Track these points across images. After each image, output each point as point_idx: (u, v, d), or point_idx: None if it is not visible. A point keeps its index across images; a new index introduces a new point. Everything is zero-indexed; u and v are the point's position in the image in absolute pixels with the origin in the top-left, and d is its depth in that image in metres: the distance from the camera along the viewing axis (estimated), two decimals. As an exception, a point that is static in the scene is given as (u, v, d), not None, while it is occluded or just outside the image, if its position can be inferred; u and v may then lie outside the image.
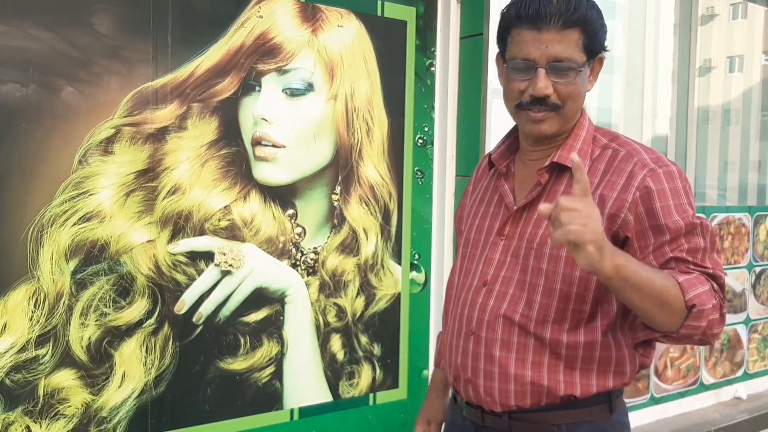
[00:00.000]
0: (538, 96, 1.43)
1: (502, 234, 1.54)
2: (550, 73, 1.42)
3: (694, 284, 1.33)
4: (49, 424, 1.96)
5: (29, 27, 1.88)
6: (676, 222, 1.39)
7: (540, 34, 1.40)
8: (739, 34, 4.78)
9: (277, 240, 2.32)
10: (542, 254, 1.46)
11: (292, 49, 2.29)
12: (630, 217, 1.40)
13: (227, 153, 2.20)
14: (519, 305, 1.47)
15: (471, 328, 1.52)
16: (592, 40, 1.44)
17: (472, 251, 1.60)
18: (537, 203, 1.48)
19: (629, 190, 1.41)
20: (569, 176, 1.47)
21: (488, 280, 1.53)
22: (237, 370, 2.26)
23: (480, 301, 1.52)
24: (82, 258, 1.98)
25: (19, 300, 1.90)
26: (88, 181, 1.98)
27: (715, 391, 3.95)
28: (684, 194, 1.43)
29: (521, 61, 1.43)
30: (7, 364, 1.89)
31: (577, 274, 1.43)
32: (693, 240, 1.40)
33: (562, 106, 1.45)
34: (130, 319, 2.06)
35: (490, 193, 1.63)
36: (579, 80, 1.44)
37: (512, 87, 1.47)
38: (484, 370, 1.50)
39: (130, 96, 2.03)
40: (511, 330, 1.47)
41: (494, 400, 1.50)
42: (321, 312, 2.42)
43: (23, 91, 1.89)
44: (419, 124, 2.65)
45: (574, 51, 1.41)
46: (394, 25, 2.55)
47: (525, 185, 1.55)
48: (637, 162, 1.44)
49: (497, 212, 1.58)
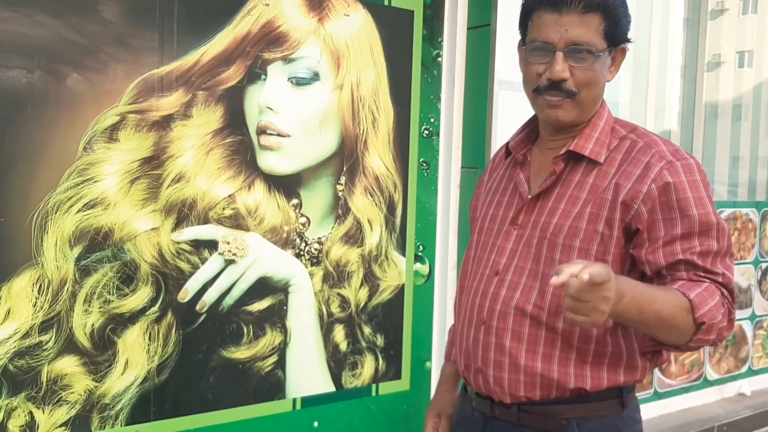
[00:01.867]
0: (555, 79, 1.41)
1: (515, 223, 1.52)
2: (568, 56, 1.39)
3: (704, 299, 1.31)
4: (51, 410, 1.96)
5: (35, 13, 1.88)
6: (691, 217, 1.37)
7: (560, 17, 1.38)
8: (750, 29, 4.75)
9: (282, 229, 2.32)
10: (555, 244, 1.44)
11: (298, 37, 2.28)
12: (643, 209, 1.39)
13: (232, 141, 2.20)
14: (531, 295, 1.46)
15: (482, 318, 1.51)
16: (614, 27, 1.42)
17: (485, 240, 1.59)
18: (552, 192, 1.48)
19: (644, 182, 1.39)
20: (585, 165, 1.46)
21: (500, 269, 1.51)
22: (240, 359, 2.26)
23: (492, 291, 1.51)
24: (86, 245, 1.98)
25: (23, 286, 1.91)
26: (92, 168, 1.97)
27: (719, 386, 3.94)
28: (702, 187, 1.41)
29: (540, 43, 1.42)
30: (11, 349, 1.90)
31: None
32: (706, 242, 1.38)
33: (577, 93, 1.42)
34: (133, 306, 2.06)
35: (505, 182, 1.62)
36: (598, 66, 1.42)
37: (530, 70, 1.46)
38: (494, 360, 1.49)
39: (135, 83, 2.03)
40: (522, 321, 1.46)
41: (504, 390, 1.49)
42: (324, 302, 2.42)
43: (29, 77, 1.88)
44: (425, 115, 2.64)
45: (594, 36, 1.39)
46: (401, 15, 2.53)
47: (541, 174, 1.53)
48: (655, 153, 1.42)
49: (512, 201, 1.56)
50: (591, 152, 1.45)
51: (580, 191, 1.45)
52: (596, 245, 1.41)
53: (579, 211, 1.43)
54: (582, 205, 1.44)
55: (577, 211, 1.44)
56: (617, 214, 1.40)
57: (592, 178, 1.45)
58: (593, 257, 1.40)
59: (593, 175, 1.45)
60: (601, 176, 1.44)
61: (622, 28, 1.45)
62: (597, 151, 1.46)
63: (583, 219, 1.42)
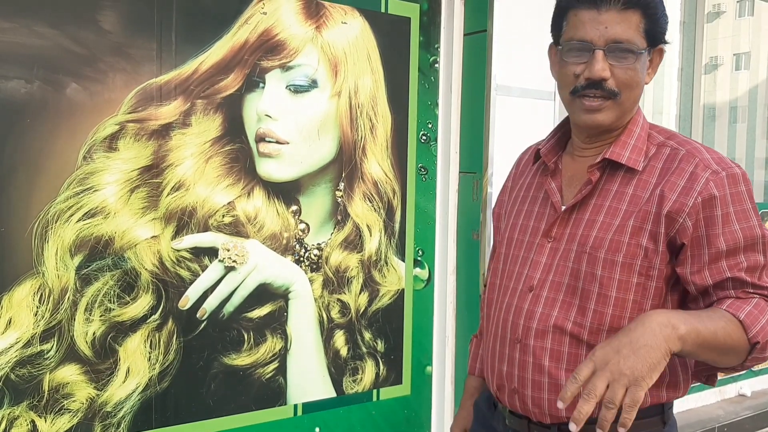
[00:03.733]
0: (595, 79, 1.33)
1: (549, 236, 1.44)
2: (608, 55, 1.32)
3: (756, 317, 1.27)
4: (54, 419, 1.97)
5: (34, 24, 1.89)
6: (735, 232, 1.31)
7: (599, 14, 1.32)
8: (746, 32, 4.77)
9: (281, 236, 2.33)
10: (596, 258, 1.36)
11: (295, 45, 2.29)
12: (689, 223, 1.31)
13: (231, 149, 2.21)
14: (571, 313, 1.38)
15: (517, 336, 1.43)
16: (654, 25, 1.35)
17: (515, 253, 1.50)
18: (588, 203, 1.41)
19: (690, 194, 1.31)
20: (623, 174, 1.39)
21: (534, 284, 1.43)
22: (241, 365, 2.27)
23: (526, 308, 1.42)
24: (86, 254, 1.99)
25: (24, 295, 1.91)
26: (92, 178, 1.99)
27: (720, 388, 3.94)
28: (747, 199, 1.34)
29: (578, 42, 1.34)
30: (13, 358, 1.90)
31: (634, 281, 1.35)
32: (752, 257, 1.32)
33: (619, 94, 1.35)
34: (134, 314, 2.07)
35: (534, 191, 1.53)
36: (639, 66, 1.35)
37: (567, 71, 1.37)
38: (533, 381, 1.41)
39: (134, 92, 2.04)
40: (561, 339, 1.38)
41: (543, 411, 1.41)
42: (324, 308, 2.43)
43: (28, 87, 1.90)
44: (423, 121, 2.65)
45: (635, 34, 1.33)
46: (398, 22, 2.55)
47: (574, 183, 1.45)
48: (699, 163, 1.34)
49: (543, 212, 1.48)
50: (628, 160, 1.38)
51: (620, 202, 1.38)
52: (640, 260, 1.34)
53: (620, 223, 1.36)
54: (623, 218, 1.36)
55: (618, 223, 1.36)
56: (662, 228, 1.33)
57: (632, 189, 1.38)
58: (637, 272, 1.34)
59: (632, 185, 1.38)
60: (641, 186, 1.37)
61: (661, 26, 1.37)
62: (635, 159, 1.38)
63: (626, 232, 1.35)
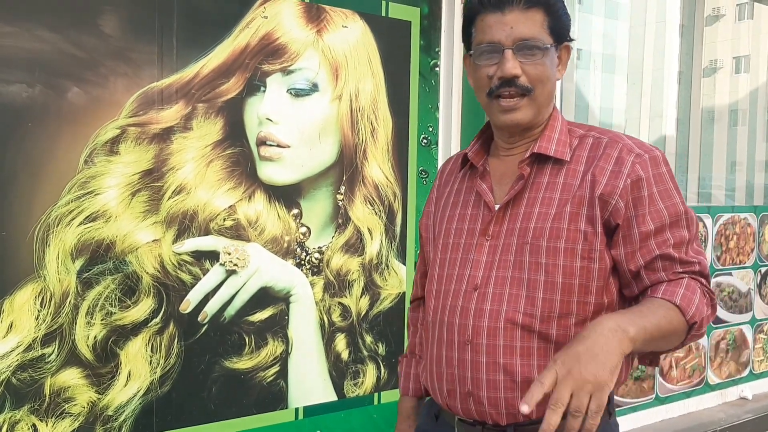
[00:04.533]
0: (507, 77, 1.39)
1: (486, 234, 1.47)
2: (517, 54, 1.39)
3: (690, 299, 1.33)
4: (55, 423, 1.97)
5: (35, 28, 1.89)
6: (660, 211, 1.39)
7: (503, 16, 1.39)
8: (746, 35, 4.78)
9: (282, 239, 2.33)
10: (539, 247, 1.40)
11: (296, 49, 2.30)
12: (621, 204, 1.38)
13: (232, 153, 2.21)
14: (519, 304, 1.41)
15: (466, 337, 1.44)
16: (557, 23, 1.42)
17: (453, 256, 1.52)
18: (521, 197, 1.45)
19: (620, 177, 1.38)
20: (551, 166, 1.45)
21: (479, 283, 1.45)
22: (242, 369, 2.27)
23: (474, 307, 1.44)
24: (87, 257, 1.99)
25: (25, 299, 1.91)
26: (93, 181, 1.99)
27: (721, 391, 3.94)
28: (669, 179, 1.42)
29: (487, 44, 1.41)
30: (14, 362, 1.90)
31: (578, 265, 1.39)
32: (678, 233, 1.39)
33: (532, 89, 1.41)
34: (135, 318, 2.07)
35: (464, 195, 1.57)
36: (547, 61, 1.41)
37: (481, 74, 1.44)
38: (488, 380, 1.42)
39: (135, 96, 2.04)
40: (513, 333, 1.40)
41: (499, 411, 1.42)
42: (326, 311, 2.43)
43: (29, 91, 1.90)
44: (424, 124, 2.65)
45: (540, 31, 1.40)
46: (399, 26, 2.55)
47: (504, 181, 1.50)
48: (623, 148, 1.42)
49: (476, 213, 1.51)
50: (556, 152, 1.44)
51: (553, 192, 1.43)
52: (581, 244, 1.39)
53: (557, 211, 1.41)
54: (558, 206, 1.42)
55: (554, 212, 1.41)
56: (597, 211, 1.39)
57: (562, 178, 1.44)
58: (579, 256, 1.39)
59: (562, 175, 1.44)
60: (571, 175, 1.43)
61: (564, 24, 1.44)
62: (561, 150, 1.45)
63: (564, 219, 1.40)
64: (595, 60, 3.92)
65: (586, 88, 3.89)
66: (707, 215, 3.85)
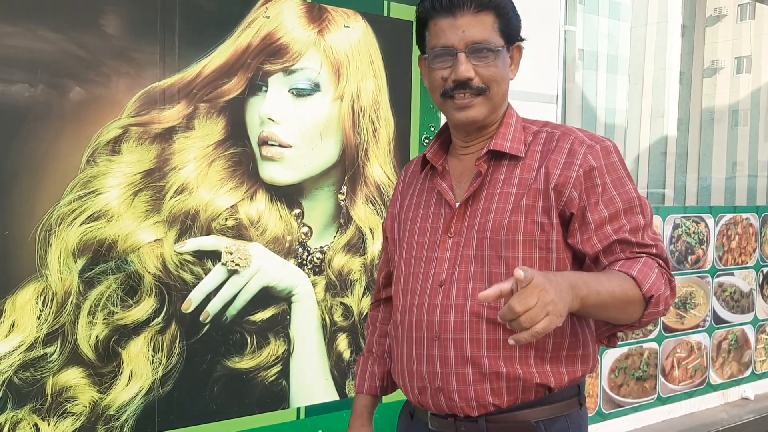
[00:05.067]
0: (461, 80, 1.42)
1: (449, 232, 1.50)
2: (470, 56, 1.42)
3: (647, 273, 1.35)
4: (57, 422, 1.97)
5: (38, 28, 1.90)
6: (614, 198, 1.41)
7: (455, 20, 1.41)
8: (747, 35, 4.78)
9: (284, 239, 2.33)
10: (498, 241, 1.43)
11: (298, 49, 2.30)
12: (575, 194, 1.41)
13: (234, 153, 2.21)
14: None
15: (434, 333, 1.46)
16: (507, 24, 1.45)
17: (417, 255, 1.54)
18: (480, 194, 1.48)
19: (573, 168, 1.41)
20: (507, 162, 1.48)
21: (444, 279, 1.47)
22: (244, 368, 2.27)
23: (440, 303, 1.46)
24: (89, 257, 1.99)
25: (27, 299, 1.92)
26: (95, 181, 1.99)
27: (723, 391, 3.94)
28: (621, 167, 1.45)
29: (441, 48, 1.43)
30: (16, 362, 1.91)
31: (536, 255, 1.42)
32: (633, 218, 1.41)
33: (487, 89, 1.44)
34: (137, 317, 2.07)
35: (426, 195, 1.59)
36: (500, 63, 1.44)
37: (435, 76, 1.46)
38: (457, 374, 1.44)
39: (137, 96, 2.05)
40: (479, 326, 1.43)
41: (470, 403, 1.44)
42: (327, 311, 2.43)
43: (32, 91, 1.90)
44: (425, 124, 2.66)
45: (491, 34, 1.42)
46: (400, 26, 2.55)
47: (463, 180, 1.53)
48: (575, 140, 1.45)
49: (438, 212, 1.54)
50: (511, 149, 1.47)
51: (510, 187, 1.46)
52: (538, 235, 1.42)
53: (514, 205, 1.44)
54: (515, 200, 1.44)
55: (511, 206, 1.44)
56: (552, 202, 1.42)
57: (518, 173, 1.46)
58: (538, 247, 1.42)
59: (518, 170, 1.47)
60: (526, 169, 1.46)
61: (514, 25, 1.47)
62: (516, 147, 1.48)
63: (521, 212, 1.43)
64: (598, 60, 3.92)
65: (589, 89, 3.90)
66: (709, 215, 3.85)
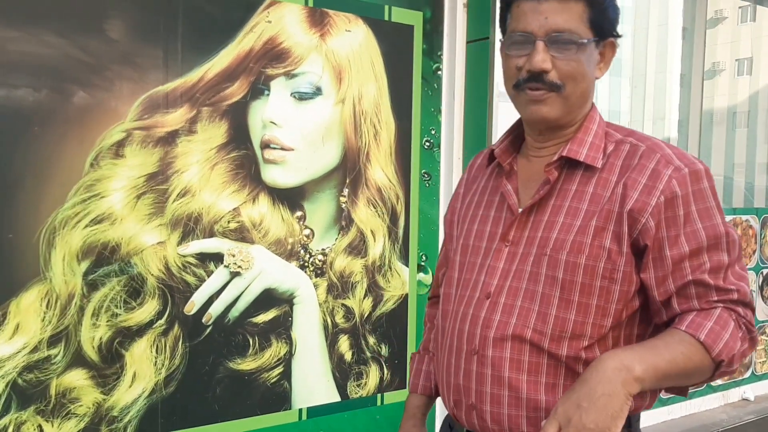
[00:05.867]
0: (535, 71, 1.28)
1: (506, 239, 1.37)
2: (549, 46, 1.27)
3: (718, 334, 1.21)
4: (60, 423, 1.98)
5: (42, 33, 1.91)
6: (697, 231, 1.25)
7: (539, 4, 1.27)
8: (747, 37, 4.78)
9: (286, 242, 2.34)
10: (557, 261, 1.29)
11: (300, 53, 2.31)
12: (651, 224, 1.25)
13: (236, 156, 2.23)
14: (530, 319, 1.30)
15: (473, 347, 1.35)
16: (600, 16, 1.29)
17: (472, 260, 1.42)
18: (546, 204, 1.34)
19: (653, 193, 1.25)
20: (582, 173, 1.33)
21: (492, 291, 1.35)
22: (246, 370, 2.28)
23: (483, 316, 1.35)
24: (93, 259, 2.01)
25: (31, 301, 1.93)
26: (99, 184, 2.01)
27: (723, 392, 3.94)
28: (711, 196, 1.29)
29: (519, 34, 1.29)
30: (20, 363, 1.92)
31: (598, 284, 1.27)
32: (716, 256, 1.26)
33: (562, 87, 1.29)
34: (140, 319, 2.09)
35: (489, 195, 1.46)
36: (583, 57, 1.28)
37: (510, 64, 1.33)
38: (491, 394, 1.33)
39: (140, 100, 2.06)
40: (521, 348, 1.30)
41: (503, 427, 1.33)
42: (329, 313, 2.45)
43: (36, 96, 1.92)
44: (426, 127, 2.67)
45: (578, 24, 1.27)
46: (402, 30, 2.57)
47: (530, 184, 1.39)
48: (661, 159, 1.28)
49: (499, 215, 1.41)
50: (587, 157, 1.32)
51: (581, 202, 1.31)
52: (603, 262, 1.27)
53: (581, 224, 1.29)
54: (584, 218, 1.29)
55: (579, 224, 1.29)
56: (624, 228, 1.26)
57: (592, 187, 1.31)
58: (600, 275, 1.27)
59: (592, 184, 1.31)
60: (602, 184, 1.30)
61: (609, 18, 1.31)
62: (593, 156, 1.32)
63: (588, 233, 1.28)
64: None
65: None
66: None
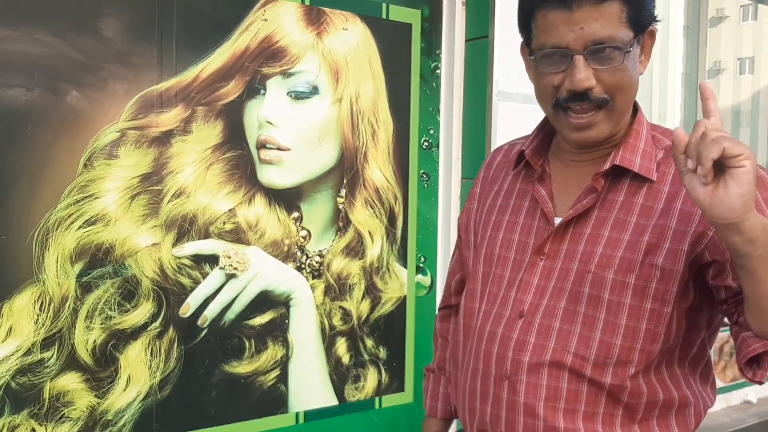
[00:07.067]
0: (578, 90, 1.14)
1: (541, 252, 1.24)
2: (589, 59, 1.13)
3: None
4: (54, 427, 1.96)
5: (35, 32, 1.89)
6: None
7: (571, 13, 1.12)
8: (749, 36, 4.76)
9: (282, 243, 2.32)
10: (603, 279, 1.17)
11: (296, 52, 2.29)
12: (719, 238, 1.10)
13: (232, 156, 2.20)
14: (570, 343, 1.19)
15: (504, 371, 1.23)
16: (639, 11, 1.15)
17: (499, 272, 1.30)
18: (588, 215, 1.21)
19: None
20: (629, 182, 1.22)
21: (525, 310, 1.23)
22: (242, 373, 2.26)
23: (516, 337, 1.22)
24: (87, 261, 1.98)
25: (24, 303, 1.91)
26: (93, 185, 1.98)
27: (725, 394, 3.92)
28: None
29: (552, 49, 1.15)
30: (13, 367, 1.90)
31: (648, 306, 1.16)
32: None
33: (610, 101, 1.16)
34: (135, 322, 2.07)
35: (516, 199, 1.34)
36: (629, 64, 1.15)
37: (545, 83, 1.19)
38: (524, 424, 1.21)
39: (135, 100, 2.04)
40: (559, 374, 1.19)
41: None
42: (326, 315, 2.42)
43: (29, 95, 1.90)
44: (425, 127, 2.65)
45: (618, 28, 1.13)
46: (399, 28, 2.54)
47: (569, 191, 1.26)
48: None
49: (530, 224, 1.29)
50: (641, 168, 1.20)
51: (629, 214, 1.19)
52: (655, 282, 1.16)
53: (631, 239, 1.17)
54: (633, 232, 1.17)
55: (628, 239, 1.17)
56: (685, 246, 1.14)
57: (642, 198, 1.19)
58: (651, 297, 1.16)
59: (642, 195, 1.20)
60: (653, 195, 1.19)
61: (647, 8, 1.17)
62: (647, 166, 1.20)
63: (639, 249, 1.16)
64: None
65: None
66: None
